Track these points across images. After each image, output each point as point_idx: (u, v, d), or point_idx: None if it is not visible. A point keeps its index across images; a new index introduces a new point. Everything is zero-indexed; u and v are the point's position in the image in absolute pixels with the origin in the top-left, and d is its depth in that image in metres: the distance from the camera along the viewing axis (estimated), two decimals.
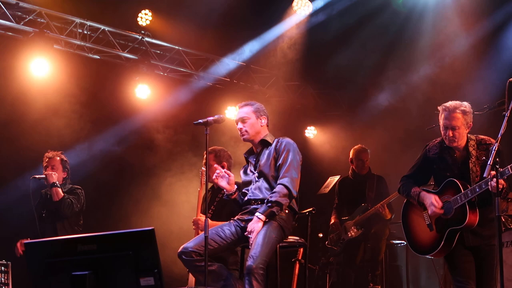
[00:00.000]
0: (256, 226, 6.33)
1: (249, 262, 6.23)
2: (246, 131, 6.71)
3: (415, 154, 6.73)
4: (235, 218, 6.72)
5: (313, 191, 11.27)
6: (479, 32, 10.62)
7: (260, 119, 6.74)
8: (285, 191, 6.42)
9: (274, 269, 6.67)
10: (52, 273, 4.20)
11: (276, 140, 6.75)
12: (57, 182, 8.44)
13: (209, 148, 8.23)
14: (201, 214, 8.17)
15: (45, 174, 8.46)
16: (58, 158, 8.65)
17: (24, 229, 8.59)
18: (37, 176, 8.49)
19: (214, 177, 6.73)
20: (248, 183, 6.78)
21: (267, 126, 6.84)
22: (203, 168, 8.45)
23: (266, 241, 6.29)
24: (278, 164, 6.58)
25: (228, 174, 6.64)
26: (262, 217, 6.35)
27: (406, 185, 6.64)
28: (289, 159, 6.55)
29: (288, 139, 6.73)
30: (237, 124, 6.79)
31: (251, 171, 6.82)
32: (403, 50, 11.46)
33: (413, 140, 10.27)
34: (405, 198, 6.76)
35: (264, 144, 6.77)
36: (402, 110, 11.84)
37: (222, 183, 6.63)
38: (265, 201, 6.44)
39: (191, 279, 7.91)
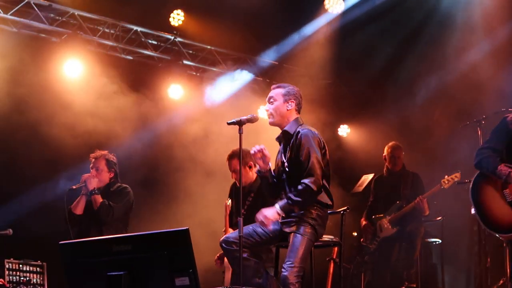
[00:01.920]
0: (269, 213, 6.29)
1: (283, 272, 6.20)
2: (271, 114, 6.57)
3: (450, 153, 6.59)
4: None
5: (347, 190, 11.23)
6: None
7: (288, 102, 6.56)
8: (307, 190, 6.25)
9: (309, 269, 6.64)
10: (88, 274, 4.24)
11: (296, 132, 6.47)
12: (95, 189, 8.24)
13: (229, 153, 8.25)
14: (230, 230, 8.18)
15: (85, 179, 8.24)
16: (104, 159, 8.45)
17: (58, 230, 8.59)
18: (74, 187, 8.23)
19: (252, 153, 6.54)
20: (280, 174, 6.63)
21: (297, 110, 6.62)
22: (227, 201, 8.46)
23: (298, 248, 6.24)
24: (300, 159, 6.37)
25: (265, 155, 6.44)
26: (280, 211, 6.30)
27: (491, 159, 6.35)
28: (310, 155, 6.32)
29: (306, 130, 6.45)
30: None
31: (281, 162, 6.63)
32: (438, 48, 11.35)
33: (447, 139, 10.19)
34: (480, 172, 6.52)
35: (287, 135, 6.55)
36: (437, 109, 11.73)
37: (259, 161, 6.48)
38: (287, 196, 6.33)
39: (227, 279, 7.93)
